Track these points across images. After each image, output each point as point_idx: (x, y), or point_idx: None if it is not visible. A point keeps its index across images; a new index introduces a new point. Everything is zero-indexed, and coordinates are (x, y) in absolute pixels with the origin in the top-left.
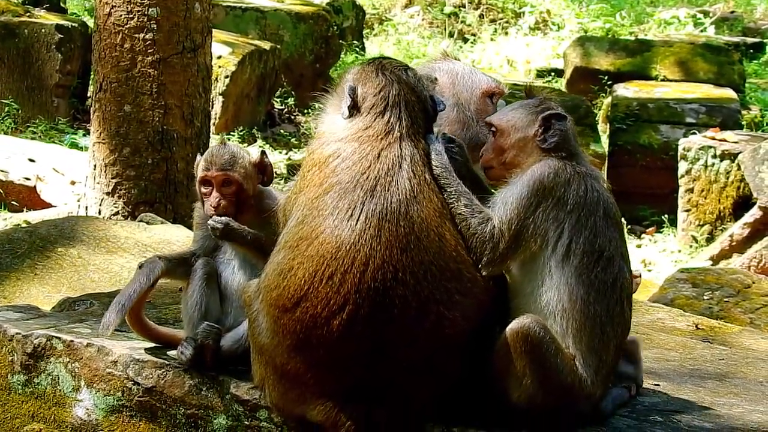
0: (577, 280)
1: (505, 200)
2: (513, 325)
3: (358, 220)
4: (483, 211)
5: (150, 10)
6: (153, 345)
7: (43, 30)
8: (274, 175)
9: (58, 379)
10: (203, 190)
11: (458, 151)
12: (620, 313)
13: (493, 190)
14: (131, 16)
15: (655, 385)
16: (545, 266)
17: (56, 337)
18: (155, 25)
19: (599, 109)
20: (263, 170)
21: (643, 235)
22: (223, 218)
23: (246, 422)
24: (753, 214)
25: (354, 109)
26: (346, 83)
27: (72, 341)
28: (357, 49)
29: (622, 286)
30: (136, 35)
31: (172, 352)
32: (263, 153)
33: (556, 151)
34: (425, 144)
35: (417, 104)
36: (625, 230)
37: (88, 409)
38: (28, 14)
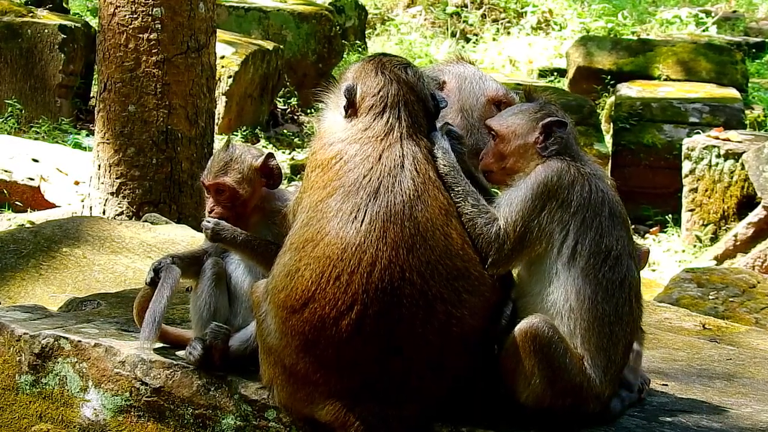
0: (585, 281)
1: (510, 201)
2: (522, 325)
3: (362, 222)
4: (489, 212)
5: (154, 10)
6: (161, 345)
7: (46, 30)
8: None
9: (66, 379)
10: (205, 194)
11: (458, 144)
12: (629, 313)
13: (490, 186)
14: (135, 16)
15: (664, 385)
16: (552, 267)
17: (64, 338)
18: (159, 25)
19: (602, 109)
20: (268, 173)
21: (647, 235)
22: (213, 220)
23: (254, 422)
24: (757, 214)
25: (351, 108)
26: (345, 81)
27: (80, 341)
28: (359, 49)
29: (631, 285)
30: (141, 35)
31: (180, 353)
32: (269, 156)
33: (558, 155)
34: (428, 142)
35: (417, 103)
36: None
37: (95, 409)
38: (30, 14)
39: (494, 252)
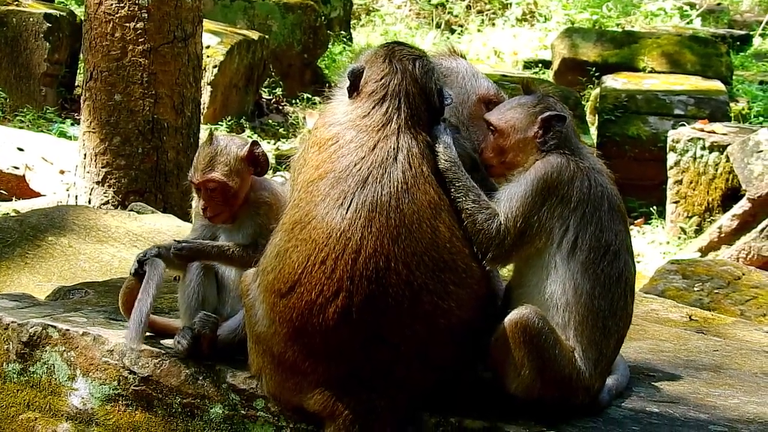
0: (583, 275)
1: (510, 197)
2: (512, 316)
3: (348, 209)
4: (490, 207)
5: None
6: (149, 334)
7: (31, 19)
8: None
9: (54, 367)
10: (194, 192)
11: (461, 138)
12: (623, 307)
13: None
14: (122, 5)
15: (650, 376)
16: (551, 261)
17: (52, 326)
18: (146, 15)
19: (587, 101)
20: (255, 161)
21: (631, 227)
22: (183, 245)
23: (243, 412)
24: (742, 206)
25: (354, 91)
26: (356, 63)
27: (68, 330)
28: (344, 39)
29: (627, 280)
30: (127, 24)
31: (168, 342)
32: (253, 144)
33: (557, 149)
34: (427, 136)
35: (419, 96)
36: None
37: (83, 398)
38: (15, 3)
39: (495, 247)
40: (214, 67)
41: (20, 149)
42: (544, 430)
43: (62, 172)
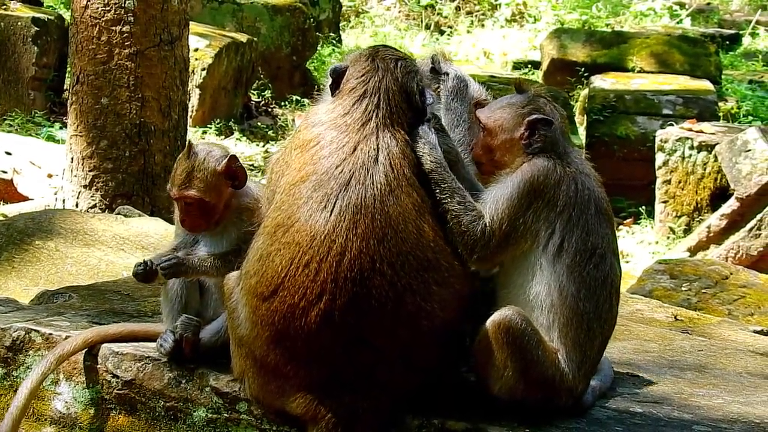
0: (569, 277)
1: (496, 199)
2: (495, 317)
3: (332, 212)
4: (476, 209)
5: (127, 2)
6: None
7: (19, 23)
8: (250, 169)
9: None
10: (174, 202)
11: (446, 137)
12: (608, 310)
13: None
14: (108, 8)
15: (635, 376)
16: (537, 262)
17: (35, 330)
18: (132, 18)
19: (576, 101)
20: (232, 176)
21: (620, 227)
22: (171, 261)
23: (226, 415)
24: (730, 206)
25: (336, 88)
26: (340, 63)
27: (51, 334)
28: (334, 41)
29: (612, 283)
30: (113, 28)
31: (151, 345)
32: (231, 158)
33: (543, 152)
34: (406, 135)
35: (399, 95)
36: None
37: (67, 402)
38: (3, 7)
39: (480, 249)
40: (203, 69)
41: (8, 153)
42: (527, 431)
43: (50, 175)
